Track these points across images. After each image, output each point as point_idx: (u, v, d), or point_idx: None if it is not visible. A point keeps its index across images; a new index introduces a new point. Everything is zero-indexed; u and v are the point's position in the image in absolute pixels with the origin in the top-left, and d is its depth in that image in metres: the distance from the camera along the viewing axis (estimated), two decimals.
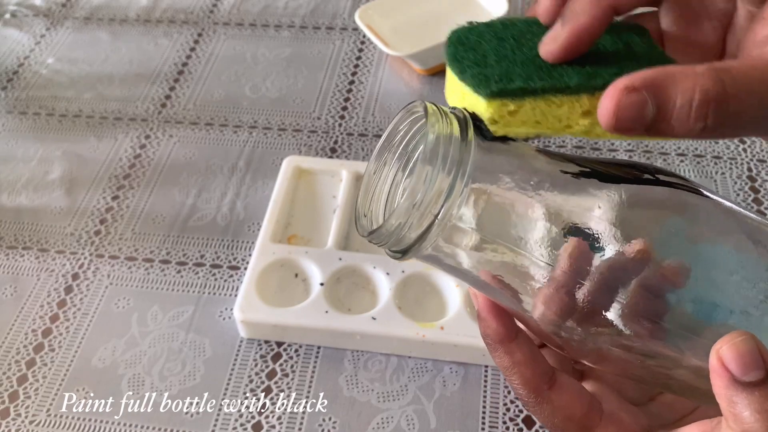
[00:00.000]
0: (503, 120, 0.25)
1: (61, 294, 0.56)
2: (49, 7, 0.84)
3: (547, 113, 0.25)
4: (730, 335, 0.22)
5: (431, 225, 0.24)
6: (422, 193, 0.24)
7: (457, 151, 0.24)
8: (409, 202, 0.24)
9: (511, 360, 0.29)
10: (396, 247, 0.25)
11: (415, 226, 0.24)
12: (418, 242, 0.25)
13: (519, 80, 0.25)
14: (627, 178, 0.26)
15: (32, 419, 0.49)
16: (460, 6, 0.75)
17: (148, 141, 0.68)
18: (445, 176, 0.24)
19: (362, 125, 0.68)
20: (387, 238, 0.25)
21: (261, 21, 0.80)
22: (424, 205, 0.24)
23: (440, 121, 0.24)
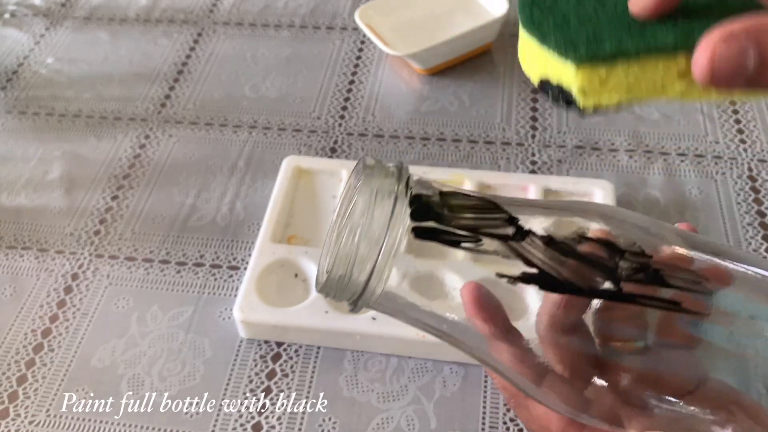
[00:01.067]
0: (594, 88, 0.23)
1: (61, 294, 0.56)
2: (48, 6, 0.84)
3: (641, 77, 0.23)
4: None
5: (377, 258, 0.23)
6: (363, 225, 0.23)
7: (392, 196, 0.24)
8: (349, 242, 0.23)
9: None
10: (349, 295, 0.25)
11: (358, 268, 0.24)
12: (368, 282, 0.24)
13: (610, 42, 0.22)
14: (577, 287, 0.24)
15: (32, 419, 0.49)
16: (460, 6, 0.75)
17: (148, 141, 0.68)
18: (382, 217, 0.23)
19: (362, 125, 0.68)
20: (337, 287, 0.24)
21: (261, 21, 0.80)
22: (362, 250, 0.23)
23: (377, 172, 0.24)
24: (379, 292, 0.24)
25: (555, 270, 0.23)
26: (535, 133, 0.66)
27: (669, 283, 0.23)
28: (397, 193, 0.24)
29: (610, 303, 0.24)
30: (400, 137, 0.66)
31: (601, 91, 0.23)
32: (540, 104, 0.69)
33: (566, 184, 0.58)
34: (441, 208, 0.24)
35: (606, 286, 0.23)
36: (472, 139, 0.66)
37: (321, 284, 0.25)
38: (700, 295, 0.24)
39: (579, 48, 0.22)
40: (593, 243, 0.24)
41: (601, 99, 0.23)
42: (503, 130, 0.67)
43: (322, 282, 0.25)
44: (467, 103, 0.69)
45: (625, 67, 0.22)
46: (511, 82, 0.71)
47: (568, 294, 0.24)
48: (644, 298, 0.24)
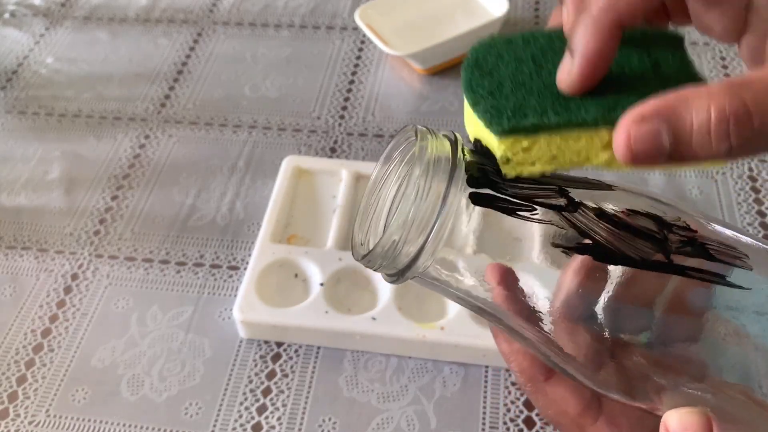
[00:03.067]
0: (517, 157, 0.23)
1: (61, 294, 0.56)
2: (48, 6, 0.84)
3: (564, 148, 0.23)
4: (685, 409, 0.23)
5: (427, 238, 0.23)
6: (416, 205, 0.23)
7: (449, 163, 0.23)
8: (403, 217, 0.23)
9: (509, 348, 0.29)
10: (392, 268, 0.24)
11: (410, 241, 0.23)
12: (415, 259, 0.24)
13: (533, 115, 0.23)
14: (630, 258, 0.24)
15: (31, 420, 0.49)
16: (460, 6, 0.75)
17: (148, 141, 0.68)
18: (438, 184, 0.23)
19: (362, 125, 0.68)
20: (382, 260, 0.24)
21: (261, 20, 0.80)
22: (419, 218, 0.23)
23: (431, 139, 0.24)
24: (428, 262, 0.24)
25: (608, 241, 0.23)
26: None
27: (714, 256, 0.24)
28: (456, 161, 0.23)
29: (620, 295, 0.24)
30: None
31: (523, 160, 0.23)
32: None
33: None
34: (497, 176, 0.24)
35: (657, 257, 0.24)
36: None
37: (365, 253, 0.24)
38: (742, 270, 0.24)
39: (502, 120, 0.23)
40: (642, 216, 0.24)
41: (523, 168, 0.23)
42: None
43: (365, 249, 0.25)
44: None
45: (548, 139, 0.23)
46: None
47: (621, 265, 0.24)
48: (693, 270, 0.24)
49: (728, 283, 0.24)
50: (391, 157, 0.27)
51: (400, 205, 0.23)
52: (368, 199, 0.27)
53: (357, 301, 0.53)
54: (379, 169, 0.27)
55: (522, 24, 0.77)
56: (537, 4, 0.79)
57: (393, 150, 0.27)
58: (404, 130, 0.26)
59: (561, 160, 0.23)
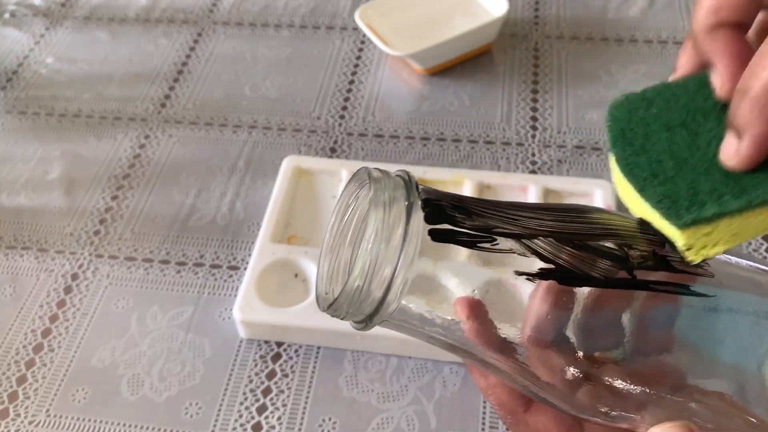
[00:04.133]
0: (699, 243, 0.23)
1: (61, 294, 0.56)
2: (48, 6, 0.84)
3: (745, 225, 0.23)
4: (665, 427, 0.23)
5: (391, 280, 0.23)
6: (375, 247, 0.22)
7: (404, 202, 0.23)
8: (365, 261, 0.22)
9: (486, 382, 0.29)
10: (359, 315, 0.24)
11: (374, 285, 0.22)
12: (381, 304, 0.23)
13: (712, 203, 0.23)
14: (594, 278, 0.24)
15: (31, 420, 0.49)
16: (460, 6, 0.75)
17: (148, 141, 0.68)
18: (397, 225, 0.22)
19: (362, 125, 0.68)
20: (348, 308, 0.23)
21: (261, 20, 0.80)
22: (380, 260, 0.22)
23: (385, 180, 0.24)
24: (395, 305, 0.23)
25: (571, 264, 0.23)
26: (535, 133, 0.66)
27: (676, 268, 0.24)
28: (411, 200, 0.23)
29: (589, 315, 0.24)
30: (400, 137, 0.66)
31: (706, 244, 0.23)
32: (540, 104, 0.69)
33: (566, 184, 0.58)
34: (453, 210, 0.24)
35: (620, 275, 0.24)
36: (472, 139, 0.66)
37: (330, 302, 0.24)
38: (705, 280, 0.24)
39: (681, 212, 0.23)
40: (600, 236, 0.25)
41: (706, 251, 0.23)
42: (503, 130, 0.66)
43: (330, 299, 0.24)
44: (467, 103, 0.69)
45: (729, 221, 0.23)
46: (511, 82, 0.71)
47: (586, 286, 0.24)
48: (657, 283, 0.24)
49: (692, 293, 0.24)
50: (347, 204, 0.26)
51: (361, 250, 0.22)
52: (328, 248, 0.26)
53: None
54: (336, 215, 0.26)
55: (522, 23, 0.77)
56: (537, 4, 0.79)
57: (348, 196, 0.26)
58: (357, 175, 0.25)
59: (742, 236, 0.23)
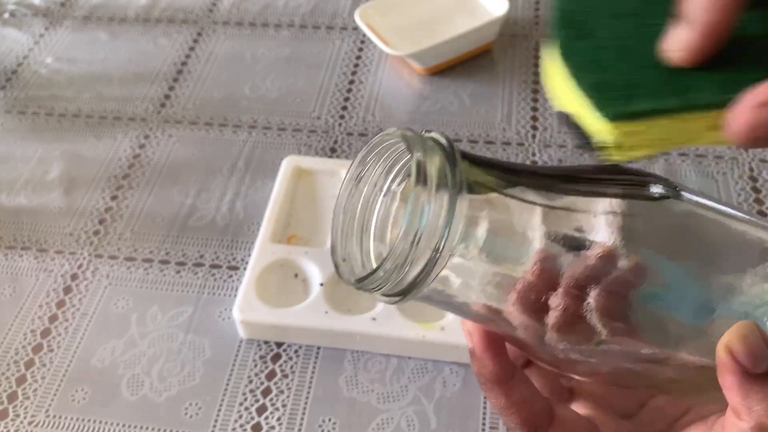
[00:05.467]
0: (628, 142, 0.22)
1: (60, 294, 0.56)
2: (48, 6, 0.84)
3: (675, 129, 0.22)
4: (737, 327, 0.22)
5: (433, 258, 0.22)
6: (419, 224, 0.21)
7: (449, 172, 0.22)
8: (406, 238, 0.21)
9: (508, 401, 0.27)
10: (393, 289, 0.22)
11: (415, 262, 0.21)
12: (420, 280, 0.22)
13: (649, 98, 0.21)
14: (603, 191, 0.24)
15: (31, 420, 0.49)
16: (461, 6, 0.75)
17: (148, 141, 0.68)
18: (441, 200, 0.21)
19: (362, 125, 0.68)
20: (384, 281, 0.22)
21: (261, 20, 0.80)
22: (424, 238, 0.21)
23: (423, 145, 0.22)
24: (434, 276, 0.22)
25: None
26: (536, 132, 0.66)
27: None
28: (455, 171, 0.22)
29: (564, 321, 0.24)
30: None
31: (635, 146, 0.22)
32: (540, 104, 0.69)
33: None
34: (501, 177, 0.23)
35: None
36: (473, 139, 0.66)
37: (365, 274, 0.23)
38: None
39: (615, 104, 0.21)
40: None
41: (631, 153, 0.22)
42: (503, 129, 0.66)
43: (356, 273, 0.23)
44: (467, 102, 0.69)
45: (663, 122, 0.21)
46: (512, 82, 0.71)
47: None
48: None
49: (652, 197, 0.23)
50: (365, 162, 0.25)
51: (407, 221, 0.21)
52: (345, 214, 0.25)
53: (357, 301, 0.52)
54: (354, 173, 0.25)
55: (522, 23, 0.77)
56: (537, 4, 0.79)
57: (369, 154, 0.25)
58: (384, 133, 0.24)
59: (673, 141, 0.22)
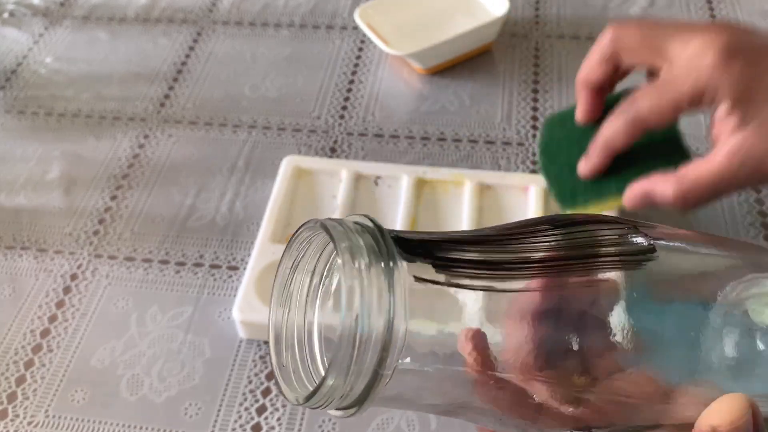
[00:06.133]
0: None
1: (60, 294, 0.56)
2: (47, 6, 0.84)
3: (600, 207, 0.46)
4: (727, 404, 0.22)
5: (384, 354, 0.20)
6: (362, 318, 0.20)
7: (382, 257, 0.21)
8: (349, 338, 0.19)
9: None
10: (346, 401, 0.21)
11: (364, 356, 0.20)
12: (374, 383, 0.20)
13: (583, 199, 0.45)
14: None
15: (30, 420, 0.49)
16: (461, 5, 0.75)
17: (147, 141, 0.68)
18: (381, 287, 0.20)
19: (362, 125, 0.68)
20: (335, 393, 0.20)
21: (260, 20, 0.80)
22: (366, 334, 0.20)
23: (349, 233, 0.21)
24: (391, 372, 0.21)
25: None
26: (536, 132, 0.66)
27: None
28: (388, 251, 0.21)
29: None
30: (400, 137, 0.66)
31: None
32: (540, 104, 0.68)
33: None
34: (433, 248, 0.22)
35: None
36: (473, 139, 0.66)
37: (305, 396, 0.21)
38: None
39: (566, 202, 0.47)
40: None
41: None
42: (504, 129, 0.66)
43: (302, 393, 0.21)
44: (467, 102, 0.69)
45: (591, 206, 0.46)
46: (512, 82, 0.71)
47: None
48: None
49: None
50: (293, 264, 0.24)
51: (343, 325, 0.20)
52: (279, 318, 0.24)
53: None
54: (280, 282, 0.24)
55: (522, 23, 0.77)
56: (537, 4, 0.79)
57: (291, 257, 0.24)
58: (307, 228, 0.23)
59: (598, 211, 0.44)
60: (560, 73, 0.71)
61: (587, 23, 0.76)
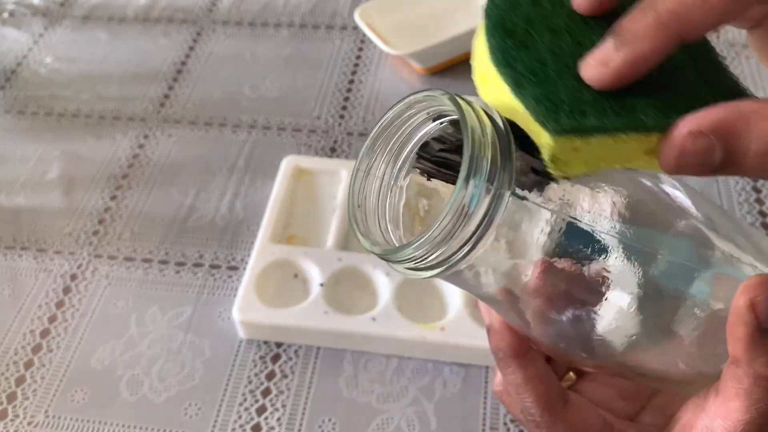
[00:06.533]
0: (565, 157, 0.21)
1: (60, 294, 0.56)
2: (47, 6, 0.84)
3: (612, 149, 0.21)
4: (757, 279, 0.21)
5: (479, 237, 0.21)
6: (467, 201, 0.20)
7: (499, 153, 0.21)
8: (452, 214, 0.21)
9: (525, 375, 0.27)
10: (424, 263, 0.22)
11: (456, 239, 0.21)
12: (458, 256, 0.21)
13: (593, 115, 0.21)
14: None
15: (30, 420, 0.49)
16: (461, 5, 0.75)
17: (147, 141, 0.68)
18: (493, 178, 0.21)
19: (362, 125, 0.68)
20: (418, 256, 0.22)
21: (260, 20, 0.80)
22: (469, 216, 0.21)
23: (475, 114, 0.21)
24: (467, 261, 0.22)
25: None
26: None
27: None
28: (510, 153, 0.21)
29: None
30: None
31: (571, 162, 0.21)
32: None
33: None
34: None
35: None
36: None
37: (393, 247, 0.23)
38: None
39: (560, 117, 0.21)
40: None
41: (567, 169, 0.21)
42: None
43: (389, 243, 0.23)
44: None
45: (601, 140, 0.21)
46: None
47: None
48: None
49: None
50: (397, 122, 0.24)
51: (456, 193, 0.20)
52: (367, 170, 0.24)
53: (357, 301, 0.52)
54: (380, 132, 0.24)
55: None
56: None
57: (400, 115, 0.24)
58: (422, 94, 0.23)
59: (605, 161, 0.22)
60: None
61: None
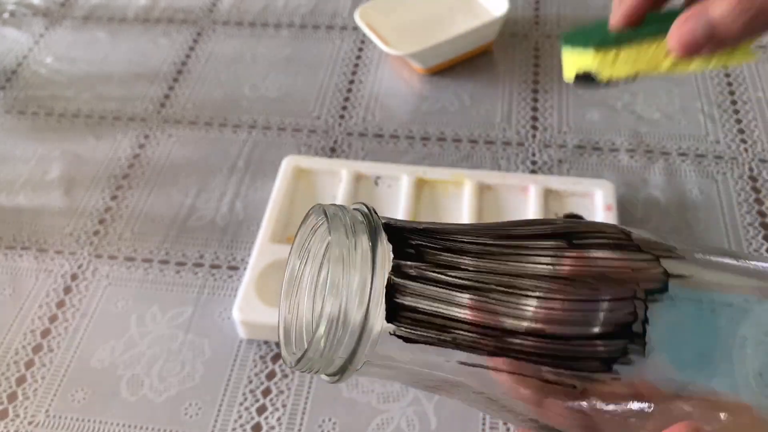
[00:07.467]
0: (608, 64, 0.32)
1: (60, 294, 0.56)
2: (47, 6, 0.84)
3: (640, 56, 0.32)
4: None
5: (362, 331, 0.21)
6: (343, 295, 0.21)
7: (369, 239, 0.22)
8: (331, 311, 0.21)
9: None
10: (331, 368, 0.22)
11: (344, 332, 0.21)
12: (354, 353, 0.22)
13: (613, 36, 0.33)
14: None
15: (31, 420, 0.49)
16: (461, 5, 0.75)
17: (147, 141, 0.68)
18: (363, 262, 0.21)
19: (362, 125, 0.68)
20: (318, 360, 0.22)
21: (260, 20, 0.80)
22: (345, 310, 0.21)
23: (340, 216, 0.22)
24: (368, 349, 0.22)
25: None
26: (536, 132, 0.66)
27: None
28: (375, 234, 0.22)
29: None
30: (400, 137, 0.66)
31: (612, 67, 0.32)
32: (540, 104, 0.69)
33: (566, 184, 0.58)
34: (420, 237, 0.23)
35: None
36: (473, 139, 0.66)
37: (296, 359, 0.22)
38: None
39: (593, 41, 0.33)
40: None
41: (613, 72, 0.32)
42: (504, 129, 0.66)
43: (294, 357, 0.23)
44: (467, 102, 0.69)
45: (628, 49, 0.32)
46: (512, 82, 0.71)
47: None
48: None
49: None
50: (304, 249, 0.25)
51: (327, 298, 0.21)
52: (287, 304, 0.25)
53: None
54: (292, 268, 0.25)
55: (522, 23, 0.77)
56: (537, 4, 0.79)
57: (303, 241, 0.25)
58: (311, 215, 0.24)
59: (638, 65, 0.31)
60: (560, 73, 0.71)
61: (587, 23, 0.76)
